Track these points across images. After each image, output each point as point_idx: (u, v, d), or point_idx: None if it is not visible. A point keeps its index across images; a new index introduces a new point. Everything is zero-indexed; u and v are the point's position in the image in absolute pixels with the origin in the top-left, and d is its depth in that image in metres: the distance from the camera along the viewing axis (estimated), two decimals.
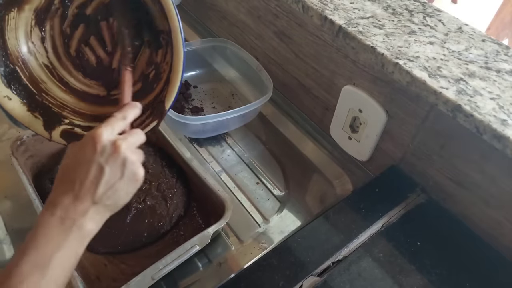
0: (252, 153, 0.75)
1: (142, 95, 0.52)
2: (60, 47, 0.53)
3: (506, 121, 0.44)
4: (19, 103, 0.49)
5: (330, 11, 0.59)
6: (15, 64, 0.49)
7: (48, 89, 0.52)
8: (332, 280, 0.47)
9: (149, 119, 0.50)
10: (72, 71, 0.54)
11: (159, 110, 0.49)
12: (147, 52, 0.54)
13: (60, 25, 0.52)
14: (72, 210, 0.38)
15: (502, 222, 0.51)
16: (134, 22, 0.52)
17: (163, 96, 0.49)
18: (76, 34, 0.53)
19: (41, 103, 0.51)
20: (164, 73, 0.51)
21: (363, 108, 0.62)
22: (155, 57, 0.53)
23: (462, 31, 0.57)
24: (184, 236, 0.59)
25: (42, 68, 0.52)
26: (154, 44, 0.53)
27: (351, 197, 0.58)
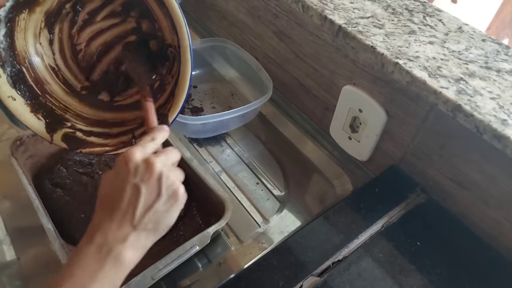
0: (252, 153, 0.75)
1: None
2: (68, 50, 0.54)
3: (506, 121, 0.44)
4: (23, 104, 0.49)
5: (330, 11, 0.59)
6: (22, 64, 0.49)
7: (52, 91, 0.52)
8: (332, 280, 0.47)
9: None
10: (78, 75, 0.55)
11: (163, 121, 0.49)
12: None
13: (69, 29, 0.53)
14: (110, 236, 0.36)
15: (502, 222, 0.51)
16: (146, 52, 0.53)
17: (166, 109, 0.49)
18: (84, 39, 0.54)
19: (45, 105, 0.51)
20: (169, 85, 0.52)
21: (363, 108, 0.62)
22: (161, 68, 0.53)
23: (462, 31, 0.57)
24: (184, 236, 0.59)
25: (48, 70, 0.52)
26: (161, 56, 0.53)
27: (351, 197, 0.58)
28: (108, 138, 0.52)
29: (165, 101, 0.51)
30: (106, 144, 0.51)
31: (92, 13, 0.52)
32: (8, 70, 0.48)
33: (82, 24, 0.53)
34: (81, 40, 0.54)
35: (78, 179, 0.61)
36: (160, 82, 0.53)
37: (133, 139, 0.51)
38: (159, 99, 0.52)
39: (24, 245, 0.56)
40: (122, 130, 0.53)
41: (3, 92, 0.48)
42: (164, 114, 0.49)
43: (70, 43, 0.53)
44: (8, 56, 0.47)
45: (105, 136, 0.52)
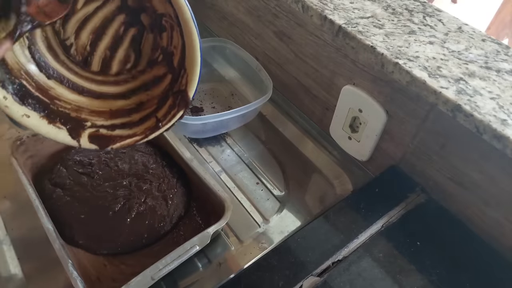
0: (252, 153, 0.75)
1: (154, 83, 0.52)
2: (57, 47, 0.52)
3: (506, 121, 0.44)
4: (38, 118, 0.48)
5: (330, 11, 0.59)
6: (19, 77, 0.48)
7: (59, 95, 0.51)
8: (332, 280, 0.47)
9: (174, 110, 0.49)
10: (76, 70, 0.53)
11: (183, 99, 0.48)
12: (150, 37, 0.52)
13: (52, 25, 0.50)
14: None
15: (502, 222, 0.51)
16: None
17: (182, 85, 0.48)
18: (71, 32, 0.51)
19: (58, 111, 0.50)
20: (175, 57, 0.50)
21: (363, 108, 0.62)
22: (159, 41, 0.51)
23: (462, 31, 0.57)
24: (184, 236, 0.59)
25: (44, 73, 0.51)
26: (156, 28, 0.51)
27: (351, 197, 0.58)
28: (133, 127, 0.51)
29: (177, 76, 0.50)
30: (134, 133, 0.50)
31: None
32: (10, 88, 0.46)
33: (64, 17, 0.49)
34: (68, 33, 0.51)
35: (78, 179, 0.61)
36: (163, 56, 0.51)
37: (159, 122, 0.50)
38: (167, 75, 0.51)
39: (24, 245, 0.56)
40: (143, 115, 0.52)
41: (16, 112, 0.46)
42: (182, 90, 0.48)
43: (58, 40, 0.51)
44: (4, 74, 0.46)
45: (129, 126, 0.51)
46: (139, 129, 0.51)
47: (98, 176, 0.62)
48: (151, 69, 0.53)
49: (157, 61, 0.52)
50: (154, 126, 0.50)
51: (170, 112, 0.49)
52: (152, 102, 0.52)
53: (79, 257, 0.55)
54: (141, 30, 0.51)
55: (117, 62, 0.53)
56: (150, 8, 0.50)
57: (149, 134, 0.50)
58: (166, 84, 0.51)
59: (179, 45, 0.49)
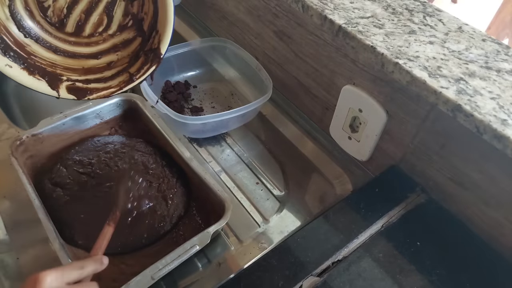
0: (251, 153, 0.75)
1: (124, 45, 0.58)
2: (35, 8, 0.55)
3: (506, 121, 0.44)
4: (19, 69, 0.53)
5: (330, 11, 0.59)
6: (1, 32, 0.52)
7: (34, 51, 0.55)
8: (332, 280, 0.47)
9: (147, 65, 0.55)
10: (50, 31, 0.57)
11: (156, 56, 0.54)
12: (122, 4, 0.57)
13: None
14: None
15: (502, 222, 0.51)
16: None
17: (155, 44, 0.54)
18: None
19: (35, 65, 0.54)
20: (145, 21, 0.56)
21: (363, 108, 0.62)
22: (130, 8, 0.57)
23: (462, 30, 0.57)
24: (184, 236, 0.59)
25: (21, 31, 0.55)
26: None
27: (351, 197, 0.58)
28: (107, 81, 0.56)
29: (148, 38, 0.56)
30: (109, 86, 0.56)
31: None
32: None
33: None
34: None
35: (78, 179, 0.61)
36: (133, 21, 0.57)
37: (133, 76, 0.56)
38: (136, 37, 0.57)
39: (24, 245, 0.56)
40: (114, 72, 0.57)
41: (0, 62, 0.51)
42: (154, 48, 0.54)
43: (37, 1, 0.55)
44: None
45: (103, 80, 0.56)
46: (113, 82, 0.56)
47: (98, 176, 0.62)
48: (121, 33, 0.58)
49: (127, 26, 0.58)
50: (128, 79, 0.56)
51: (143, 67, 0.55)
52: (123, 61, 0.58)
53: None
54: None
55: (90, 25, 0.58)
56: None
57: (124, 86, 0.55)
58: (135, 46, 0.58)
59: (150, 11, 0.55)
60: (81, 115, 0.67)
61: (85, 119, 0.68)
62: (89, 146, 0.66)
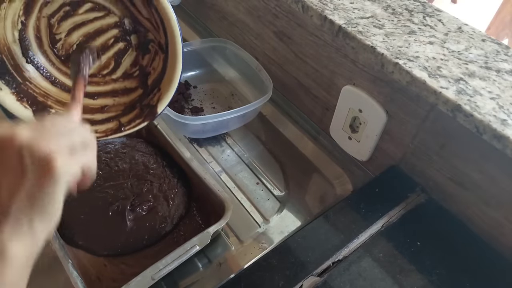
0: (252, 153, 0.75)
1: (123, 92, 0.57)
2: (45, 38, 0.55)
3: (506, 121, 0.44)
4: (9, 93, 0.51)
5: (330, 11, 0.59)
6: (2, 52, 0.51)
7: (31, 78, 0.54)
8: (332, 280, 0.47)
9: (140, 119, 0.54)
10: (55, 62, 0.56)
11: (151, 112, 0.53)
12: (133, 55, 0.56)
13: (48, 18, 0.54)
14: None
15: (502, 222, 0.51)
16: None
17: (153, 101, 0.53)
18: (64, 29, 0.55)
19: (27, 92, 0.53)
20: (151, 76, 0.55)
21: (363, 108, 0.62)
22: (140, 60, 0.56)
23: (462, 31, 0.57)
24: (184, 236, 0.59)
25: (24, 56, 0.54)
26: (141, 49, 0.56)
27: (351, 197, 0.58)
28: (94, 125, 0.55)
29: (148, 93, 0.55)
30: (95, 130, 0.54)
31: (74, 5, 0.53)
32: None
33: (63, 15, 0.54)
34: (61, 30, 0.55)
35: None
36: (139, 72, 0.56)
37: (122, 127, 0.54)
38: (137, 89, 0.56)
39: None
40: (105, 117, 0.56)
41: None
42: (152, 105, 0.53)
43: (49, 31, 0.54)
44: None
45: (90, 123, 0.55)
46: (100, 127, 0.55)
47: (98, 176, 0.62)
48: (124, 80, 0.57)
49: (132, 75, 0.57)
50: (116, 128, 0.54)
51: (134, 120, 0.54)
52: (117, 108, 0.56)
53: (79, 257, 0.55)
54: (127, 47, 0.56)
55: (96, 66, 0.57)
56: (143, 32, 0.54)
57: (110, 134, 0.54)
58: (134, 97, 0.56)
59: (158, 68, 0.54)
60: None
61: None
62: None
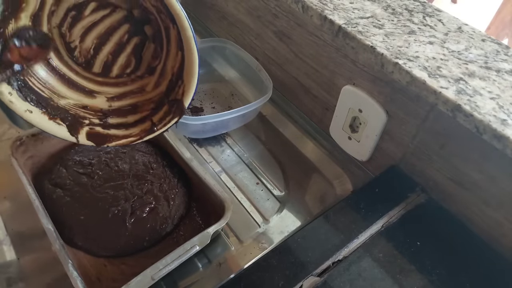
0: (252, 153, 0.75)
1: (152, 88, 0.55)
2: (62, 49, 0.54)
3: (506, 121, 0.44)
4: (40, 113, 0.51)
5: (330, 11, 0.59)
6: (24, 75, 0.50)
7: (59, 92, 0.53)
8: (332, 280, 0.47)
9: (169, 116, 0.53)
10: (78, 71, 0.55)
11: (178, 107, 0.52)
12: (151, 47, 0.55)
13: (59, 27, 0.53)
14: None
15: (502, 222, 0.51)
16: None
17: (179, 95, 0.52)
18: (76, 35, 0.54)
19: (57, 107, 0.53)
20: (174, 68, 0.53)
21: (363, 108, 0.62)
22: (159, 51, 0.54)
23: (462, 31, 0.57)
24: (184, 236, 0.59)
25: (48, 73, 0.53)
26: (158, 39, 0.54)
27: (351, 197, 0.58)
28: (128, 128, 0.54)
29: (173, 86, 0.53)
30: (129, 134, 0.54)
31: (78, 8, 0.52)
32: (15, 85, 0.49)
33: (71, 21, 0.53)
34: (74, 37, 0.54)
35: (78, 179, 0.61)
36: (163, 65, 0.54)
37: (154, 126, 0.54)
38: (163, 83, 0.55)
39: (24, 246, 0.56)
40: (138, 118, 0.55)
41: (20, 107, 0.49)
42: (178, 99, 0.52)
43: (64, 42, 0.54)
44: (10, 71, 0.48)
45: (124, 126, 0.55)
46: (134, 131, 0.54)
47: (98, 177, 0.62)
48: (150, 75, 0.56)
49: (156, 68, 0.55)
50: (149, 129, 0.53)
51: (165, 118, 0.53)
52: (148, 106, 0.55)
53: (79, 257, 0.55)
54: (144, 40, 0.54)
55: (118, 66, 0.56)
56: (154, 20, 0.53)
57: (144, 136, 0.53)
58: (162, 90, 0.55)
59: (178, 57, 0.52)
60: None
61: None
62: (90, 146, 0.66)
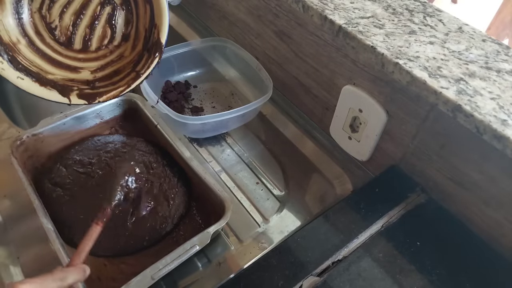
0: (252, 152, 0.75)
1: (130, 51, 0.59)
2: (44, 31, 0.57)
3: (506, 121, 0.44)
4: (31, 81, 0.55)
5: (330, 11, 0.59)
6: (13, 51, 0.54)
7: (46, 69, 0.57)
8: (332, 280, 0.47)
9: (150, 58, 0.56)
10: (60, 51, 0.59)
11: (158, 47, 0.55)
12: (123, 14, 0.59)
13: (39, 10, 0.56)
14: None
15: (502, 222, 0.51)
16: None
17: (155, 38, 0.56)
18: (55, 15, 0.57)
19: (47, 79, 0.56)
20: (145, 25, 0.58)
21: (363, 108, 0.62)
22: (130, 16, 0.59)
23: (463, 31, 0.57)
24: (184, 236, 0.59)
25: (33, 53, 0.57)
26: (126, 4, 0.58)
27: (351, 197, 0.58)
28: (115, 84, 0.58)
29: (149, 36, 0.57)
30: (117, 86, 0.57)
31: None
32: (5, 57, 0.53)
33: (49, 2, 0.56)
34: (53, 17, 0.57)
35: (78, 178, 0.61)
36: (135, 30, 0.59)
37: (139, 73, 0.57)
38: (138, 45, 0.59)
39: (24, 245, 0.56)
40: (123, 75, 0.58)
41: (11, 75, 0.53)
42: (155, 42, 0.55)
43: (45, 23, 0.57)
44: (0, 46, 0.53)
45: (112, 84, 0.58)
46: (121, 83, 0.58)
47: (98, 176, 0.62)
48: (126, 42, 0.60)
49: (130, 34, 0.59)
50: (135, 76, 0.57)
51: (147, 62, 0.57)
52: (129, 65, 0.59)
53: None
54: (115, 8, 0.58)
55: (96, 38, 0.59)
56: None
57: (132, 83, 0.57)
58: (139, 49, 0.59)
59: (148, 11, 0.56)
60: (81, 115, 0.67)
61: (85, 119, 0.68)
62: (90, 146, 0.66)
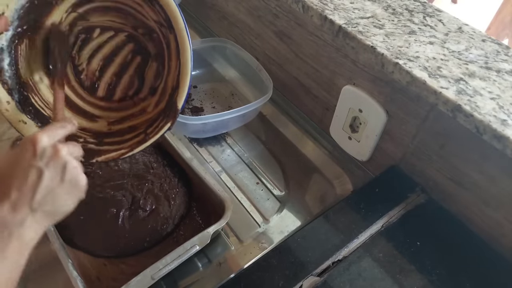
0: (252, 153, 0.75)
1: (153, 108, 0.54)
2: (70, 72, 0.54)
3: (506, 121, 0.44)
4: (34, 126, 0.50)
5: (330, 11, 0.59)
6: (28, 91, 0.50)
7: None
8: (332, 280, 0.47)
9: (162, 122, 0.51)
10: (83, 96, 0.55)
11: (173, 111, 0.49)
12: (154, 66, 0.55)
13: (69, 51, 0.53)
14: (9, 220, 0.35)
15: (502, 222, 0.51)
16: None
17: (174, 98, 0.50)
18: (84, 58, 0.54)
19: None
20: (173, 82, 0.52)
21: (363, 108, 0.62)
22: (161, 70, 0.54)
23: (462, 31, 0.57)
24: (184, 236, 0.59)
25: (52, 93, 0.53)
26: (160, 57, 0.54)
27: (351, 197, 0.58)
28: (121, 144, 0.53)
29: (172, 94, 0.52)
30: (120, 148, 0.52)
31: (88, 31, 0.53)
32: (16, 96, 0.49)
33: (81, 44, 0.53)
34: (82, 59, 0.54)
35: None
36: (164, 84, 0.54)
37: (146, 136, 0.52)
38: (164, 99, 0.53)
39: None
40: (134, 135, 0.53)
41: (14, 117, 0.48)
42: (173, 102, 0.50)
43: (72, 65, 0.54)
44: (15, 84, 0.48)
45: (118, 143, 0.53)
46: (126, 144, 0.52)
47: (98, 176, 0.62)
48: (152, 96, 0.55)
49: (158, 89, 0.54)
50: (142, 139, 0.51)
51: (158, 125, 0.51)
52: (146, 124, 0.54)
53: (79, 257, 0.55)
54: (146, 59, 0.54)
55: (121, 88, 0.56)
56: (157, 38, 0.52)
57: (135, 147, 0.51)
58: (161, 108, 0.53)
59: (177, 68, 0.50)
60: None
61: None
62: None
